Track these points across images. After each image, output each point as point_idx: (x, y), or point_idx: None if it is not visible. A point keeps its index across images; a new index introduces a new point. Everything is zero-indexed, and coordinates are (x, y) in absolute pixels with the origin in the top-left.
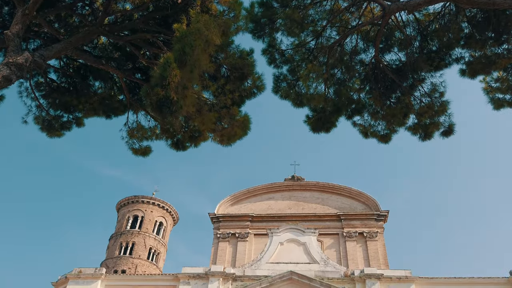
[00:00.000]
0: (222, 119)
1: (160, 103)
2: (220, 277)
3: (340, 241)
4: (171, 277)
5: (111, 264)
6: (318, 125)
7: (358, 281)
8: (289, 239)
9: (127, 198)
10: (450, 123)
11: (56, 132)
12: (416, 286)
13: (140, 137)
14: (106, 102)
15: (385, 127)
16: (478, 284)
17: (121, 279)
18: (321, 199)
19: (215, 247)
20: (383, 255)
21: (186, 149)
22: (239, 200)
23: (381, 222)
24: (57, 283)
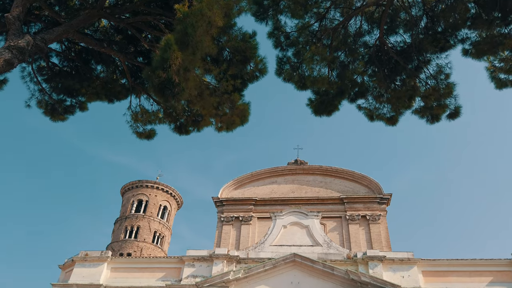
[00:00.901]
0: (223, 104)
1: (162, 86)
2: (224, 259)
3: (343, 224)
4: (176, 259)
5: (116, 248)
6: (321, 108)
7: (360, 263)
8: (292, 222)
9: (131, 183)
10: (457, 105)
11: (60, 116)
12: (418, 267)
13: (144, 121)
14: (108, 86)
15: (391, 110)
16: (480, 266)
17: (127, 262)
18: (324, 183)
19: (219, 231)
20: (385, 237)
21: (189, 133)
22: (243, 184)
23: (384, 205)
24: (64, 265)
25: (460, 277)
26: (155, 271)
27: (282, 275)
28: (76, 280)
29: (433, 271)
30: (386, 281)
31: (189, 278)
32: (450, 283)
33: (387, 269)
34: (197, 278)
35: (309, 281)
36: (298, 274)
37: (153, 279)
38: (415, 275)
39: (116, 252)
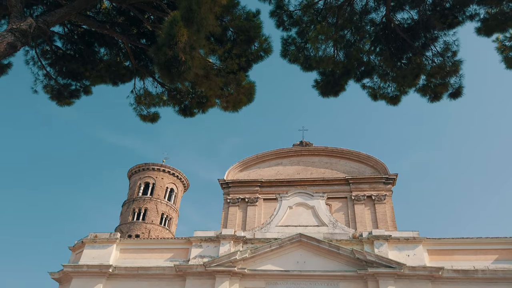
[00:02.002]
0: (228, 85)
1: (168, 64)
2: (231, 240)
3: (348, 204)
4: (183, 240)
5: (125, 229)
6: (327, 89)
7: (366, 243)
8: (298, 203)
9: (138, 166)
10: (459, 85)
11: (66, 101)
12: (424, 246)
13: (147, 104)
14: (112, 69)
15: (395, 89)
16: (485, 244)
17: (135, 243)
18: (330, 164)
19: (225, 212)
20: (391, 217)
21: (193, 115)
22: (248, 166)
23: (390, 185)
24: (74, 247)
25: (465, 255)
26: (163, 252)
27: (288, 254)
28: (86, 261)
29: (438, 250)
30: (392, 260)
31: (197, 259)
32: (456, 261)
33: (392, 248)
34: (204, 259)
35: (315, 260)
36: (304, 253)
37: (161, 260)
38: (421, 254)
39: (125, 234)
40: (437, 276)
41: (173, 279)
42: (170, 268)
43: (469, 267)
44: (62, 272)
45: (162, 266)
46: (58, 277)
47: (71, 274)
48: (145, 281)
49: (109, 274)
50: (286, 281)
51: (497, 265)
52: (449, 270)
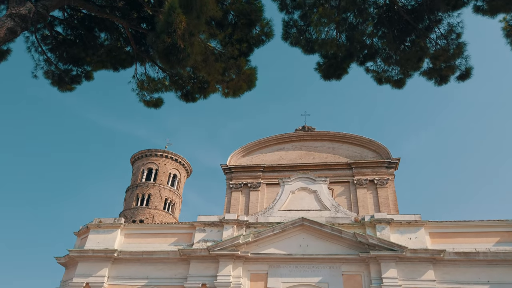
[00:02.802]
0: (229, 70)
1: (167, 52)
2: (234, 224)
3: (350, 188)
4: (187, 225)
5: (129, 215)
6: (330, 72)
7: (368, 226)
8: (300, 188)
9: (140, 152)
10: (467, 66)
11: (67, 86)
12: (425, 229)
13: (150, 89)
14: (113, 54)
15: (399, 72)
16: (486, 227)
17: (140, 228)
18: (332, 148)
19: (228, 197)
20: (393, 201)
21: (195, 100)
22: (251, 151)
23: (392, 170)
24: (79, 232)
25: (467, 238)
26: (167, 236)
27: (290, 238)
28: (91, 246)
29: (440, 233)
30: (393, 243)
31: (201, 243)
32: (457, 244)
33: (394, 231)
34: (208, 243)
35: (317, 244)
36: (306, 237)
37: (165, 244)
38: (422, 237)
39: (129, 219)
40: (439, 258)
41: (177, 263)
42: (174, 252)
43: (471, 249)
44: (68, 256)
45: (166, 250)
46: (64, 261)
47: (76, 258)
48: (150, 265)
49: (114, 258)
50: (289, 264)
51: (499, 247)
52: (451, 253)
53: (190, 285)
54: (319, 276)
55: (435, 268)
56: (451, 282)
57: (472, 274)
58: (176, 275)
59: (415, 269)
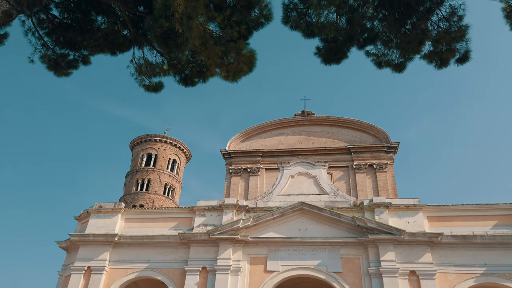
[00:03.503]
0: (228, 53)
1: (165, 36)
2: (233, 208)
3: (349, 173)
4: (187, 209)
5: (129, 200)
6: (330, 56)
7: (367, 210)
8: (300, 172)
9: (140, 137)
10: (466, 49)
11: (63, 71)
12: (424, 213)
13: (148, 73)
14: (110, 38)
15: (399, 56)
16: (484, 210)
17: (140, 213)
18: (331, 133)
19: (227, 182)
20: (392, 185)
21: (194, 84)
22: (250, 136)
23: (391, 154)
24: (80, 217)
25: (464, 222)
26: (167, 220)
27: (290, 222)
28: (92, 230)
29: (438, 216)
30: (392, 227)
31: (201, 227)
32: (455, 227)
33: (392, 215)
34: (208, 227)
35: (316, 228)
36: (305, 221)
37: (166, 229)
38: (420, 221)
39: (129, 204)
40: (436, 241)
41: (177, 247)
42: (175, 236)
43: (468, 232)
44: (69, 241)
45: (166, 234)
46: (65, 245)
47: (78, 243)
48: (151, 249)
49: (115, 242)
50: (288, 247)
51: (496, 231)
52: (448, 236)
53: (190, 268)
54: (318, 259)
55: (432, 251)
56: (448, 264)
57: (469, 256)
58: (176, 258)
59: (412, 252)
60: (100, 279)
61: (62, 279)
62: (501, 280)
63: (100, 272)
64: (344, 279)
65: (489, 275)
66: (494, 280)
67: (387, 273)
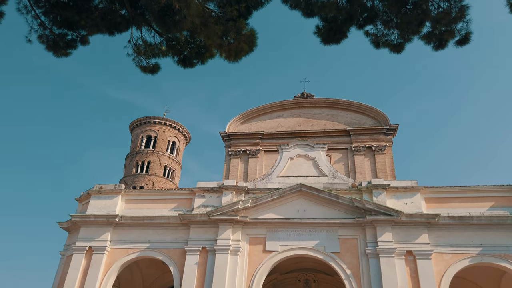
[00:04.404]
0: (228, 33)
1: (162, 14)
2: (233, 190)
3: (348, 155)
4: (187, 191)
5: (129, 181)
6: (329, 36)
7: (365, 192)
8: (299, 154)
9: (139, 119)
10: (467, 31)
11: (62, 51)
12: (421, 195)
13: (147, 54)
14: (108, 17)
15: (399, 36)
16: (481, 192)
17: (140, 194)
18: (331, 116)
19: (227, 164)
20: (390, 167)
21: (193, 66)
22: (249, 118)
23: (390, 136)
24: (81, 198)
25: (462, 203)
26: (167, 202)
27: (288, 204)
28: (93, 211)
29: (435, 198)
30: (390, 208)
31: (200, 208)
32: (452, 209)
33: (390, 196)
34: (207, 208)
35: (315, 209)
36: (304, 202)
37: (166, 210)
38: (418, 202)
39: (129, 185)
40: (433, 222)
41: (177, 228)
42: (175, 217)
43: (465, 213)
44: (70, 222)
45: (167, 215)
46: (66, 226)
47: (79, 223)
48: (151, 230)
49: (115, 223)
50: (287, 228)
51: (492, 212)
52: (445, 217)
53: (190, 249)
54: (316, 240)
55: (429, 232)
56: (444, 245)
57: (465, 237)
58: (176, 239)
59: (410, 233)
60: (101, 258)
61: (64, 259)
62: (496, 260)
63: (101, 252)
64: (342, 259)
65: (484, 255)
66: (490, 260)
67: (384, 253)
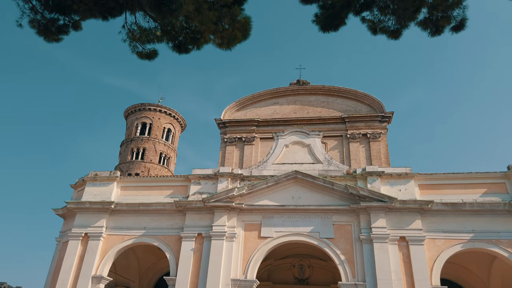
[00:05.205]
0: (222, 19)
1: (158, 1)
2: (228, 177)
3: (343, 142)
4: (182, 178)
5: (124, 168)
6: (327, 23)
7: (359, 178)
8: (294, 142)
9: (134, 106)
10: (463, 17)
11: (54, 36)
12: (415, 181)
13: (141, 40)
14: (101, 2)
15: (395, 22)
16: (475, 179)
17: (136, 181)
18: (326, 103)
19: (222, 151)
20: (385, 154)
21: (188, 51)
22: (245, 105)
23: (385, 123)
24: (76, 185)
25: (455, 190)
26: (163, 189)
27: (284, 190)
28: (88, 198)
29: (429, 185)
30: (384, 194)
31: (196, 195)
32: (445, 195)
33: (385, 183)
34: (203, 195)
35: (310, 195)
36: (299, 189)
37: (161, 196)
38: (412, 189)
39: (125, 172)
40: (426, 209)
41: (173, 214)
42: (171, 204)
43: (458, 200)
44: (66, 208)
45: (162, 202)
46: (62, 213)
47: (74, 210)
48: (147, 216)
49: (111, 210)
50: (282, 214)
51: (485, 198)
52: (438, 203)
53: (186, 235)
54: (310, 226)
55: (422, 218)
56: (437, 231)
57: (457, 223)
58: (172, 225)
59: (403, 219)
60: (97, 245)
61: (60, 245)
62: (488, 246)
63: (97, 238)
64: (336, 244)
65: (476, 240)
66: (481, 245)
67: (378, 239)
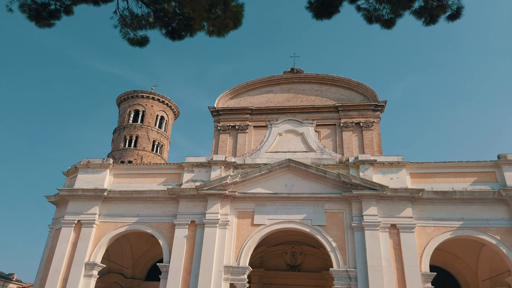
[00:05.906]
0: (215, 7)
1: None
2: (222, 165)
3: (336, 131)
4: (176, 166)
5: (117, 156)
6: (321, 11)
7: (352, 167)
8: (288, 130)
9: (126, 93)
10: (458, 5)
11: (45, 21)
12: (407, 170)
13: (134, 26)
14: None
15: (390, 11)
16: (465, 168)
17: (129, 168)
18: (320, 91)
19: (216, 139)
20: (377, 143)
21: (182, 38)
22: (239, 93)
23: (378, 112)
24: (68, 172)
25: (445, 178)
26: (156, 176)
27: (277, 179)
28: (81, 185)
29: (420, 173)
30: (375, 183)
31: (189, 183)
32: (436, 184)
33: (377, 172)
34: (196, 183)
35: (303, 184)
36: (292, 177)
37: (154, 184)
38: (403, 177)
39: (117, 160)
40: (417, 197)
41: (166, 202)
42: (164, 192)
43: (448, 188)
44: (58, 195)
45: (156, 189)
46: (54, 200)
47: (67, 197)
48: (140, 203)
49: (104, 197)
50: (275, 202)
51: (475, 187)
52: (429, 192)
53: (179, 222)
54: (303, 214)
55: (413, 206)
56: (427, 218)
57: (447, 211)
58: (166, 213)
59: (394, 207)
60: (90, 232)
61: (53, 232)
62: (476, 233)
63: (90, 225)
64: (328, 232)
65: (465, 228)
66: (470, 233)
67: (369, 227)
